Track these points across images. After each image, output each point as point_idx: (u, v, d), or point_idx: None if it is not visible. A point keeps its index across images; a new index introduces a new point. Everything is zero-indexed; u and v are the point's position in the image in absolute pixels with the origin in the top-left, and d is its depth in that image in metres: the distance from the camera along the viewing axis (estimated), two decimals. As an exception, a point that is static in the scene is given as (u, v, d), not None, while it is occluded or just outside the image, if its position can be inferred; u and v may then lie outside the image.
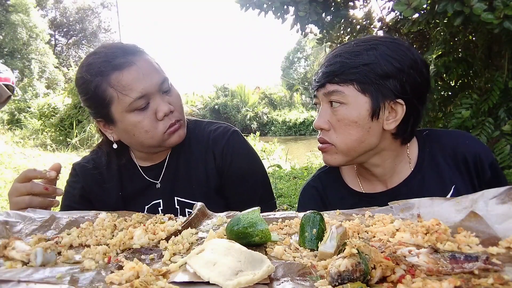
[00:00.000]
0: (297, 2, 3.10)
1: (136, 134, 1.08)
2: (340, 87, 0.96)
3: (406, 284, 0.47)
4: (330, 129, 1.00)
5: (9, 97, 2.17)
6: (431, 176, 1.03)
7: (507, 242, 0.59)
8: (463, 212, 0.71)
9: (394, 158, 1.05)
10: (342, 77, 0.95)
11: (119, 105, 1.05)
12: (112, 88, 1.04)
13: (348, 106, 0.96)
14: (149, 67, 1.08)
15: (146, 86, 1.04)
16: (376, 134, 0.98)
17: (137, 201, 1.21)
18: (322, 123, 1.00)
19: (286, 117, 23.75)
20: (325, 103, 1.00)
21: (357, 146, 0.98)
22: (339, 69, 0.96)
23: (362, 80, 0.94)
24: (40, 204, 1.01)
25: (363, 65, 0.94)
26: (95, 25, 31.61)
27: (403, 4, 1.95)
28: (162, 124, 1.08)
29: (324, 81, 0.98)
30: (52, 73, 23.62)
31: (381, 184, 1.08)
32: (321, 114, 1.01)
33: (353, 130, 0.97)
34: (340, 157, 1.01)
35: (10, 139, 10.87)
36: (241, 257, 0.55)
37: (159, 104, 1.06)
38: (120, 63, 1.04)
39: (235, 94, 24.59)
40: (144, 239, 0.70)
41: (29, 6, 22.37)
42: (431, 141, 1.07)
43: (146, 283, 0.50)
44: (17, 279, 0.53)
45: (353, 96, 0.95)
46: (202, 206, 0.87)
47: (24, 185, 1.01)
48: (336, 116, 0.97)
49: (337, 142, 0.99)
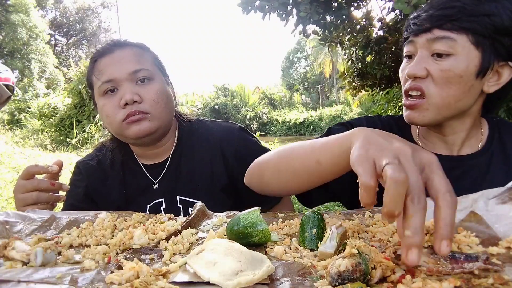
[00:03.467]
0: (298, 3, 3.10)
1: (103, 119, 1.13)
2: (452, 34, 0.85)
3: (406, 284, 0.47)
4: (426, 78, 0.89)
5: (9, 97, 2.17)
6: (499, 158, 0.97)
7: (507, 242, 0.59)
8: (463, 212, 0.71)
9: (470, 128, 0.98)
10: (457, 23, 0.85)
11: (95, 89, 1.13)
12: (93, 73, 1.13)
13: (456, 57, 0.86)
14: (126, 56, 1.11)
15: (114, 71, 1.08)
16: (474, 95, 0.90)
17: (139, 200, 1.21)
18: (419, 69, 0.88)
19: (286, 117, 23.76)
20: (425, 50, 0.89)
21: (453, 104, 0.90)
22: (455, 14, 0.85)
23: (479, 31, 0.84)
24: (47, 200, 1.01)
25: (484, 15, 0.84)
26: (95, 25, 31.62)
27: (403, 2, 1.95)
28: (123, 112, 1.07)
29: (431, 25, 0.87)
30: (52, 73, 23.63)
31: (445, 150, 1.01)
32: (418, 61, 0.89)
33: (455, 85, 0.87)
34: (430, 114, 0.91)
35: (10, 139, 10.87)
36: (241, 257, 0.55)
37: (124, 91, 1.07)
38: (103, 51, 1.13)
39: (235, 94, 24.59)
40: (144, 239, 0.70)
41: (29, 6, 22.38)
42: (501, 126, 1.03)
43: (146, 283, 0.50)
44: (17, 279, 0.53)
45: (464, 47, 0.85)
46: (202, 206, 0.87)
47: (30, 181, 1.01)
48: (440, 66, 0.87)
49: (434, 94, 0.89)
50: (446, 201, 0.51)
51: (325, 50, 27.71)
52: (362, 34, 4.31)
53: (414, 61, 0.91)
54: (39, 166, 1.02)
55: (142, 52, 1.15)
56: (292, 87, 35.23)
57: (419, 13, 0.92)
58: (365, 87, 4.97)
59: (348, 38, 4.46)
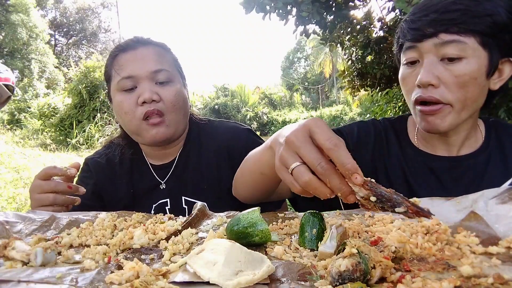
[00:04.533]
0: (299, 3, 3.10)
1: (119, 114, 1.13)
2: (461, 37, 0.85)
3: (406, 284, 0.47)
4: (439, 86, 0.88)
5: (9, 97, 2.17)
6: (496, 157, 0.98)
7: (507, 242, 0.59)
8: (463, 212, 0.71)
9: (471, 127, 0.99)
10: (463, 26, 0.84)
11: (113, 83, 1.13)
12: (113, 68, 1.12)
13: (468, 60, 0.85)
14: (148, 55, 1.11)
15: (136, 69, 1.08)
16: (485, 94, 0.91)
17: (145, 199, 1.21)
18: (432, 78, 0.87)
19: (286, 117, 23.75)
20: (433, 56, 0.88)
21: (471, 106, 0.89)
22: (460, 17, 0.84)
23: (485, 32, 0.84)
24: (63, 202, 1.01)
25: (486, 15, 0.84)
26: (95, 25, 31.62)
27: (403, 2, 1.95)
28: (140, 109, 1.08)
29: (436, 30, 0.86)
30: (52, 73, 23.63)
31: (444, 150, 1.02)
32: (428, 68, 0.87)
33: (472, 87, 0.87)
34: (451, 119, 0.90)
35: (10, 139, 10.87)
36: (241, 257, 0.55)
37: (144, 90, 1.07)
38: (125, 47, 1.13)
39: (235, 94, 24.60)
40: (144, 239, 0.70)
41: (29, 6, 22.37)
42: (497, 126, 1.04)
43: (146, 283, 0.50)
44: (17, 279, 0.53)
45: (473, 49, 0.85)
46: (202, 206, 0.87)
47: (48, 182, 1.00)
48: (453, 71, 0.86)
49: (453, 100, 0.87)
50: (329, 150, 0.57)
51: (325, 50, 27.72)
52: (362, 34, 4.31)
53: (424, 68, 0.88)
54: (57, 168, 1.01)
55: (164, 52, 1.16)
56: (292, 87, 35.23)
57: (414, 18, 0.91)
58: (365, 87, 4.97)
59: (348, 38, 4.46)
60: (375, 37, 4.36)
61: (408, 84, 0.95)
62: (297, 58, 41.96)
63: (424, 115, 0.92)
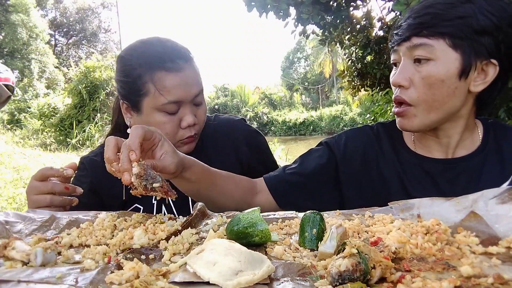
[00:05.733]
0: (299, 4, 3.10)
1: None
2: (429, 40, 0.88)
3: (406, 284, 0.47)
4: (410, 87, 0.91)
5: (9, 97, 2.17)
6: (493, 159, 0.98)
7: (507, 242, 0.59)
8: (463, 212, 0.71)
9: (464, 130, 0.99)
10: (432, 29, 0.87)
11: (151, 101, 1.07)
12: (152, 84, 1.06)
13: (436, 62, 0.88)
14: (193, 77, 1.11)
15: (183, 94, 1.07)
16: (460, 96, 0.92)
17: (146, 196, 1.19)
18: (401, 79, 0.91)
19: (286, 117, 23.75)
20: (407, 58, 0.92)
21: (439, 108, 0.92)
22: (430, 20, 0.88)
23: (455, 34, 0.87)
24: (61, 203, 1.00)
25: (458, 18, 0.86)
26: (95, 25, 31.62)
27: (402, 4, 1.95)
28: (182, 132, 1.11)
29: (409, 34, 0.90)
30: (52, 73, 23.63)
31: (441, 152, 1.02)
32: (401, 70, 0.92)
33: (438, 89, 0.89)
34: (419, 120, 0.93)
35: (10, 139, 10.87)
36: (241, 257, 0.55)
37: (186, 114, 1.09)
38: (169, 65, 1.06)
39: (235, 94, 24.60)
40: (144, 239, 0.70)
41: (29, 6, 22.38)
42: (496, 127, 1.04)
43: (146, 283, 0.50)
44: (17, 279, 0.53)
45: (442, 51, 0.88)
46: (202, 206, 0.87)
47: (45, 184, 0.99)
48: (420, 73, 0.90)
49: (418, 102, 0.91)
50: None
51: (325, 50, 27.72)
52: (362, 34, 4.31)
53: (398, 70, 0.94)
54: (54, 169, 1.01)
55: (196, 66, 1.15)
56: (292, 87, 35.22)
57: (401, 23, 0.95)
58: (365, 86, 4.97)
59: (348, 38, 4.46)
60: (375, 37, 4.36)
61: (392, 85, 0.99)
62: (297, 58, 41.95)
63: (396, 115, 0.98)
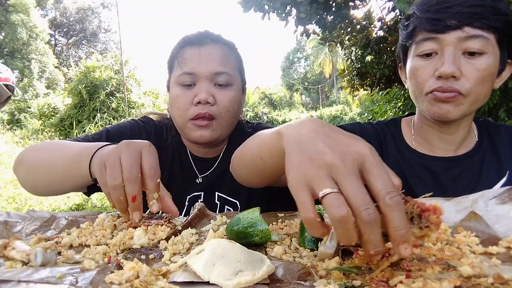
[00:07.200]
0: (298, 4, 3.10)
1: (172, 107, 1.12)
2: (484, 32, 0.84)
3: (406, 284, 0.47)
4: (460, 78, 0.88)
5: (9, 97, 2.17)
6: (490, 157, 0.99)
7: (507, 242, 0.59)
8: (463, 212, 0.71)
9: (469, 124, 1.00)
10: (487, 22, 0.84)
11: (174, 74, 1.12)
12: (177, 59, 1.11)
13: (488, 56, 0.86)
14: (214, 54, 1.09)
15: (198, 66, 1.07)
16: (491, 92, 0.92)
17: (178, 188, 1.17)
18: (456, 69, 0.86)
19: (286, 117, 23.73)
20: (454, 49, 0.87)
21: (481, 102, 0.91)
22: (485, 12, 0.84)
23: (503, 30, 0.85)
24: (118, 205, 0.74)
25: (503, 14, 0.85)
26: (95, 25, 31.61)
27: (404, 2, 1.95)
28: (193, 109, 1.07)
29: (460, 23, 0.85)
30: (52, 73, 23.63)
31: (442, 150, 1.02)
32: (452, 60, 0.86)
33: (488, 83, 0.88)
34: (463, 109, 0.90)
35: (10, 139, 10.86)
36: (241, 257, 0.55)
37: (201, 89, 1.07)
38: (194, 40, 1.12)
39: (235, 94, 24.53)
40: (144, 239, 0.70)
41: (29, 6, 22.36)
42: (487, 125, 1.05)
43: (146, 283, 0.50)
44: (17, 279, 0.53)
45: (493, 45, 0.86)
46: (202, 206, 0.87)
47: (118, 184, 0.71)
48: (475, 65, 0.86)
49: (469, 92, 0.88)
50: (387, 206, 0.46)
51: (325, 50, 27.71)
52: (362, 34, 4.31)
53: (447, 59, 0.87)
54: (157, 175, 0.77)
55: (229, 53, 1.14)
56: (292, 87, 35.21)
57: (435, 8, 0.88)
58: (365, 86, 4.97)
59: (348, 38, 4.46)
60: (375, 37, 4.36)
61: (422, 76, 0.92)
62: (297, 58, 41.96)
63: (437, 102, 0.91)
